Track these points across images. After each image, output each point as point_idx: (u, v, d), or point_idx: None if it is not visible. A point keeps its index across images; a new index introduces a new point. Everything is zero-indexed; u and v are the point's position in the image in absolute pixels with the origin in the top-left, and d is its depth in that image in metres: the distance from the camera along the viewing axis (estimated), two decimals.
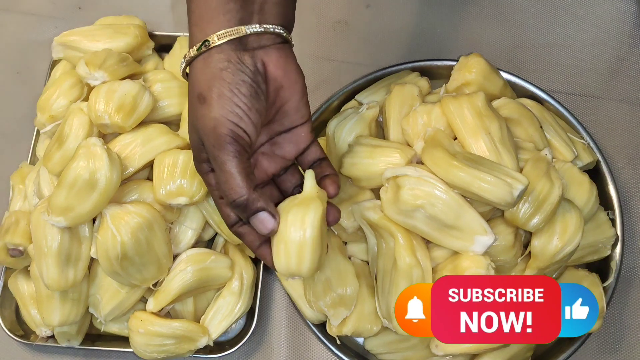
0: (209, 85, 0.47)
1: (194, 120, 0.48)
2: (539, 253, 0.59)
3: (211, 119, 0.47)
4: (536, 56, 0.78)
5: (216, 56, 0.47)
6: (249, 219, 0.49)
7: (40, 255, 0.59)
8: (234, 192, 0.47)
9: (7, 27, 0.83)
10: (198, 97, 0.47)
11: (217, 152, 0.47)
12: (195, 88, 0.48)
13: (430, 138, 0.59)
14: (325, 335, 0.65)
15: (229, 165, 0.47)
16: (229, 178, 0.47)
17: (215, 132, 0.47)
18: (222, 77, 0.47)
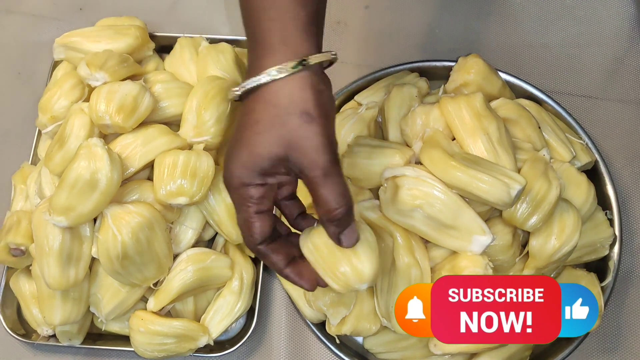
0: (315, 104, 0.46)
1: (288, 136, 0.46)
2: (536, 253, 0.59)
3: (322, 137, 0.46)
4: (535, 57, 0.78)
5: (314, 77, 0.47)
6: (344, 230, 0.49)
7: (42, 254, 0.59)
8: (336, 203, 0.47)
9: (8, 28, 0.84)
10: (302, 115, 0.46)
11: (327, 171, 0.46)
12: (296, 105, 0.46)
13: (429, 138, 0.60)
14: (324, 334, 0.65)
15: (338, 179, 0.47)
16: (330, 192, 0.47)
17: (325, 151, 0.46)
18: (324, 99, 0.47)
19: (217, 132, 0.63)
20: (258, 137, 0.46)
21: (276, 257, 0.50)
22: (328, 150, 0.46)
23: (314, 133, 0.46)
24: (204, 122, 0.63)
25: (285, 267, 0.51)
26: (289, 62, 0.46)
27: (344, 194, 0.47)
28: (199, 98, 0.64)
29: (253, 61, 0.48)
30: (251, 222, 0.49)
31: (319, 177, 0.46)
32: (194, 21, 0.82)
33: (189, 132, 0.64)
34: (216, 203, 0.64)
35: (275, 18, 0.46)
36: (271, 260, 0.51)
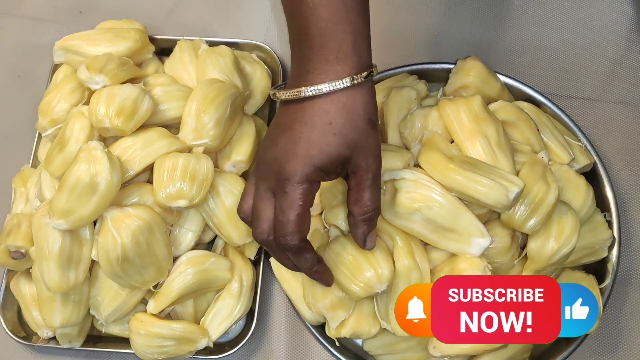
0: (375, 113, 0.52)
1: (357, 140, 0.51)
2: (535, 255, 0.59)
3: (379, 143, 0.53)
4: (533, 59, 0.78)
5: (373, 87, 0.52)
6: (371, 231, 0.55)
7: (42, 257, 0.60)
8: (373, 204, 0.53)
9: (8, 31, 0.84)
10: (369, 121, 0.51)
11: (375, 175, 0.52)
12: (366, 112, 0.51)
13: (427, 141, 0.60)
14: (324, 336, 0.65)
15: (379, 183, 0.53)
16: (372, 193, 0.53)
17: (379, 156, 0.53)
18: (377, 108, 0.53)
19: (216, 135, 0.63)
20: (333, 138, 0.50)
21: (308, 255, 0.54)
22: (380, 156, 0.53)
23: (374, 139, 0.52)
24: (203, 125, 0.63)
25: (317, 263, 0.55)
26: (363, 73, 0.50)
27: (379, 197, 0.53)
28: (198, 101, 0.64)
29: (323, 67, 0.50)
30: (305, 217, 0.51)
31: (369, 180, 0.52)
32: (193, 24, 0.83)
33: (189, 135, 0.64)
34: (216, 206, 0.64)
35: (349, 31, 0.50)
36: (311, 255, 0.54)
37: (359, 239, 0.55)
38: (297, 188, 0.50)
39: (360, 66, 0.51)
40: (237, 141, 0.67)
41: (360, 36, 0.51)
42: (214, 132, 0.63)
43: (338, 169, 0.51)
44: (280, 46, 0.80)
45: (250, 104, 0.71)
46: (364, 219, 0.53)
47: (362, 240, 0.55)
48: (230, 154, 0.67)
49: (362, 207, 0.53)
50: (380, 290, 0.56)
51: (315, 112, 0.50)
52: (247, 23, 0.82)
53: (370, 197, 0.52)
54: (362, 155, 0.51)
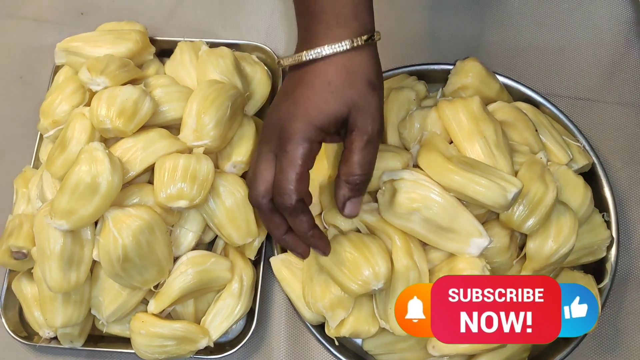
0: (377, 75, 0.53)
1: (356, 98, 0.51)
2: (534, 255, 0.60)
3: (379, 105, 0.52)
4: (532, 59, 0.78)
5: (376, 52, 0.54)
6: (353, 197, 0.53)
7: (43, 257, 0.60)
8: (361, 169, 0.52)
9: (10, 33, 0.84)
10: (369, 82, 0.52)
11: (371, 139, 0.52)
12: (365, 73, 0.52)
13: (426, 142, 0.60)
14: (324, 336, 0.65)
15: (374, 150, 0.53)
16: (362, 157, 0.52)
17: (378, 118, 0.52)
18: (381, 72, 0.54)
19: (216, 136, 0.64)
20: (330, 96, 0.51)
21: (305, 217, 0.53)
22: (379, 120, 0.52)
23: (374, 100, 0.52)
24: (203, 126, 0.63)
25: (313, 228, 0.54)
26: (363, 36, 0.52)
27: (370, 165, 0.52)
28: (199, 102, 0.64)
29: (324, 31, 0.52)
30: (304, 177, 0.51)
31: (363, 142, 0.51)
32: (194, 26, 0.83)
33: (189, 136, 0.64)
34: (216, 206, 0.64)
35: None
36: (308, 218, 0.53)
37: (338, 201, 0.53)
38: (297, 147, 0.51)
39: (361, 30, 0.52)
40: (237, 142, 0.67)
41: (362, 2, 0.53)
42: (214, 133, 0.64)
43: (337, 128, 0.52)
44: (281, 47, 0.80)
45: (250, 105, 0.71)
46: (347, 181, 0.52)
47: (342, 203, 0.53)
48: (230, 155, 0.67)
49: (348, 168, 0.52)
50: (378, 287, 0.56)
51: (316, 74, 0.51)
52: (247, 24, 0.83)
53: (359, 160, 0.51)
54: (359, 114, 0.51)
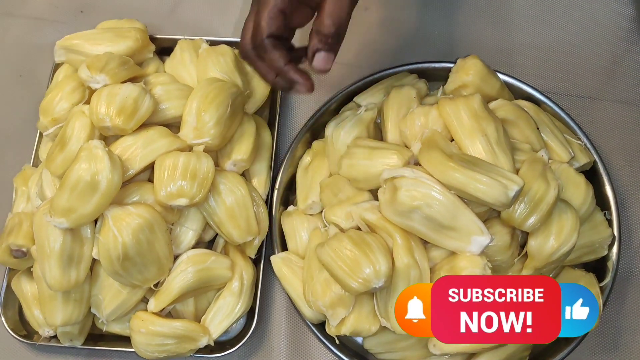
0: None
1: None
2: (535, 253, 0.60)
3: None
4: (533, 57, 0.78)
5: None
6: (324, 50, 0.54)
7: (43, 256, 0.60)
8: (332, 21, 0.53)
9: (10, 31, 0.84)
10: None
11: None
12: None
13: (427, 139, 0.60)
14: (324, 334, 0.65)
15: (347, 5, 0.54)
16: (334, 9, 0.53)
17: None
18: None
19: (216, 134, 0.64)
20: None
21: (278, 52, 0.55)
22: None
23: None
24: (203, 123, 0.63)
25: (288, 63, 0.55)
26: None
27: (341, 19, 0.53)
28: (199, 100, 0.64)
29: None
30: (277, 15, 0.53)
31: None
32: (194, 24, 0.83)
33: (189, 134, 0.64)
34: (216, 204, 0.64)
35: None
36: (283, 53, 0.55)
37: (310, 51, 0.55)
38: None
39: None
40: (237, 140, 0.67)
41: None
42: (214, 131, 0.63)
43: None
44: None
45: (250, 103, 0.71)
46: (317, 32, 0.54)
47: (312, 54, 0.55)
48: (230, 153, 0.67)
49: (320, 19, 0.53)
50: (378, 286, 0.56)
51: None
52: None
53: (330, 12, 0.53)
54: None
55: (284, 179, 0.71)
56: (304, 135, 0.72)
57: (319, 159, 0.70)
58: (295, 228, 0.68)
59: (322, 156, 0.69)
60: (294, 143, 0.72)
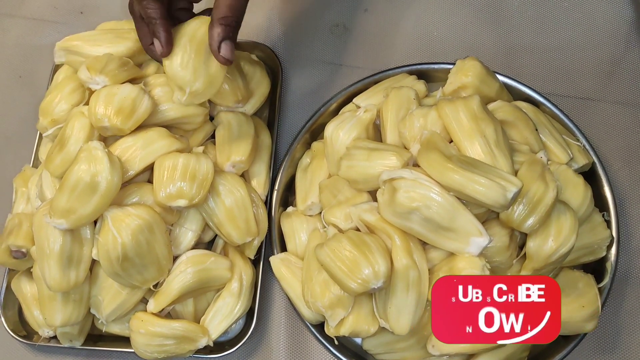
0: None
1: None
2: (534, 254, 0.60)
3: None
4: (532, 59, 0.78)
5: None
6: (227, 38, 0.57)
7: (43, 257, 0.60)
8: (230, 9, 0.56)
9: (10, 32, 0.84)
10: None
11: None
12: None
13: (426, 141, 0.60)
14: (323, 335, 0.65)
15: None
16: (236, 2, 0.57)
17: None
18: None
19: (201, 83, 0.61)
20: None
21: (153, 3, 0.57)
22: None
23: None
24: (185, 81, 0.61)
25: (160, 18, 0.58)
26: None
27: (239, 10, 0.57)
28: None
29: None
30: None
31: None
32: None
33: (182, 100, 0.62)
34: (215, 205, 0.64)
35: None
36: (146, 5, 0.57)
37: (213, 41, 0.57)
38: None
39: None
40: (236, 141, 0.67)
41: None
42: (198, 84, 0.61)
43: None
44: (280, 46, 0.80)
45: (250, 104, 0.71)
46: (220, 22, 0.56)
47: (217, 43, 0.57)
48: (229, 155, 0.67)
49: (221, 10, 0.56)
50: (377, 286, 0.56)
51: None
52: (247, 23, 0.81)
53: (231, 3, 0.56)
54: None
55: (283, 179, 0.71)
56: (304, 136, 0.72)
57: (318, 160, 0.70)
58: (295, 229, 0.68)
59: (322, 157, 0.70)
60: (293, 144, 0.72)
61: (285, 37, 0.81)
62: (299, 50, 0.80)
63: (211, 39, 0.57)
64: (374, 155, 0.61)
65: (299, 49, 0.80)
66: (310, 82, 0.78)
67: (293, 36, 0.80)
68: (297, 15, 0.81)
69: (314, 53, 0.80)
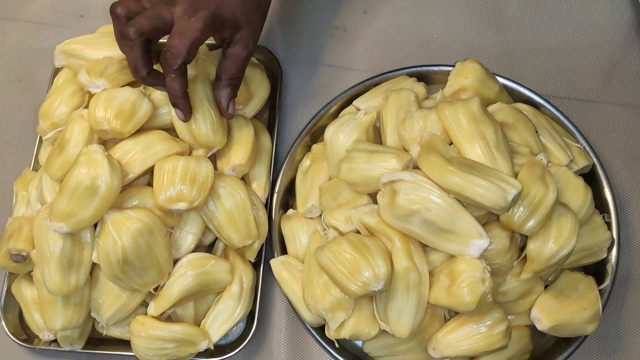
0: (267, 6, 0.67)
1: (254, 20, 0.63)
2: (534, 256, 0.60)
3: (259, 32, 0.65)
4: (532, 61, 0.78)
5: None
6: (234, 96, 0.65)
7: (43, 260, 0.60)
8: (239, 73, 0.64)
9: (10, 35, 0.84)
10: (263, 13, 0.66)
11: (250, 54, 0.64)
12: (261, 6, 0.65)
13: (426, 143, 0.60)
14: (324, 338, 0.65)
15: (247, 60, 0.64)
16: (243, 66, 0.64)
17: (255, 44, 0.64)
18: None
19: (218, 137, 0.63)
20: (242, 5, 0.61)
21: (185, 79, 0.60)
22: (256, 41, 0.64)
23: (260, 25, 0.65)
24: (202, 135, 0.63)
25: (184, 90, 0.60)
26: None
27: (243, 72, 0.64)
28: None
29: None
30: (196, 46, 0.58)
31: (244, 54, 0.62)
32: None
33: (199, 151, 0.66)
34: (216, 208, 0.64)
35: None
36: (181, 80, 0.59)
37: (223, 100, 0.63)
38: (203, 20, 0.58)
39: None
40: (235, 144, 0.67)
41: None
42: (214, 136, 0.64)
43: (230, 32, 0.61)
44: (280, 49, 0.80)
45: (249, 107, 0.71)
46: (230, 84, 0.63)
47: (227, 102, 0.63)
48: (229, 158, 0.67)
49: (231, 72, 0.62)
50: (378, 289, 0.56)
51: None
52: None
53: (240, 67, 0.63)
54: (248, 32, 0.62)
55: (283, 182, 0.71)
56: (304, 138, 0.72)
57: (318, 162, 0.70)
58: (295, 232, 0.68)
59: (322, 160, 0.70)
60: (293, 147, 0.72)
61: (285, 40, 0.81)
62: (298, 52, 0.80)
63: (221, 99, 0.64)
64: (374, 157, 0.61)
65: (299, 52, 0.80)
66: (310, 85, 0.78)
67: (293, 39, 0.81)
68: (297, 18, 0.82)
69: (313, 55, 0.80)
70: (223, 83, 0.63)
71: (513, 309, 0.64)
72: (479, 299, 0.56)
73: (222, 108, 0.64)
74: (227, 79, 0.63)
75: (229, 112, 0.64)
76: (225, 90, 0.63)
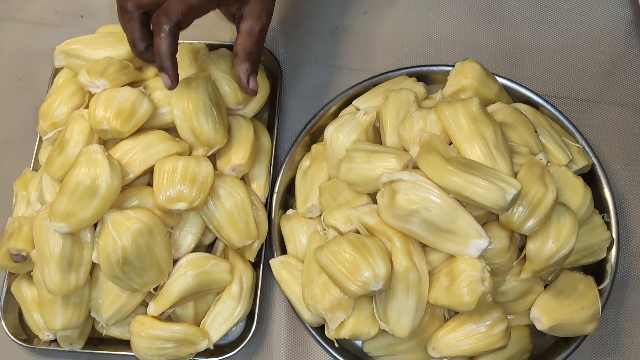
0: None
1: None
2: (534, 256, 0.60)
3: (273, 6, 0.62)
4: (532, 61, 0.78)
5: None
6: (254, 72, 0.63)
7: (43, 260, 0.60)
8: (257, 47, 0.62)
9: (10, 35, 0.84)
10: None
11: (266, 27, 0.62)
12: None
13: (426, 143, 0.60)
14: (323, 338, 0.65)
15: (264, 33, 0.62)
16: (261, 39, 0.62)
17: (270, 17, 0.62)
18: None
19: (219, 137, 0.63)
20: None
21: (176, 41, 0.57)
22: (270, 14, 0.62)
23: None
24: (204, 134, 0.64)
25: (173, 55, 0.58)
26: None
27: (262, 46, 0.62)
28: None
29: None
30: (192, 11, 0.57)
31: (258, 27, 0.61)
32: (193, 28, 0.82)
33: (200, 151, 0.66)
34: (215, 208, 0.64)
35: None
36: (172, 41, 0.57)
37: (243, 75, 0.61)
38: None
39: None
40: (235, 145, 0.68)
41: None
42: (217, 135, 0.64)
43: (238, 4, 0.60)
44: (280, 49, 0.80)
45: (249, 107, 0.72)
46: (249, 58, 0.61)
47: (246, 77, 0.61)
48: (229, 158, 0.67)
49: (248, 46, 0.60)
50: (377, 289, 0.56)
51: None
52: None
53: (257, 39, 0.61)
54: (259, 5, 0.60)
55: (283, 182, 0.71)
56: (303, 138, 0.72)
57: (318, 162, 0.70)
58: (295, 231, 0.68)
59: (321, 160, 0.70)
60: (293, 146, 0.72)
61: (285, 40, 0.81)
62: (298, 52, 0.80)
63: (240, 74, 0.62)
64: (373, 157, 0.61)
65: (299, 52, 0.80)
66: (309, 85, 0.78)
67: (292, 39, 0.81)
68: (297, 18, 0.82)
69: (313, 55, 0.80)
70: (240, 58, 0.61)
71: (512, 308, 0.64)
72: (478, 298, 0.56)
73: (242, 83, 0.62)
74: (245, 53, 0.61)
75: (250, 88, 0.62)
76: (244, 64, 0.61)
